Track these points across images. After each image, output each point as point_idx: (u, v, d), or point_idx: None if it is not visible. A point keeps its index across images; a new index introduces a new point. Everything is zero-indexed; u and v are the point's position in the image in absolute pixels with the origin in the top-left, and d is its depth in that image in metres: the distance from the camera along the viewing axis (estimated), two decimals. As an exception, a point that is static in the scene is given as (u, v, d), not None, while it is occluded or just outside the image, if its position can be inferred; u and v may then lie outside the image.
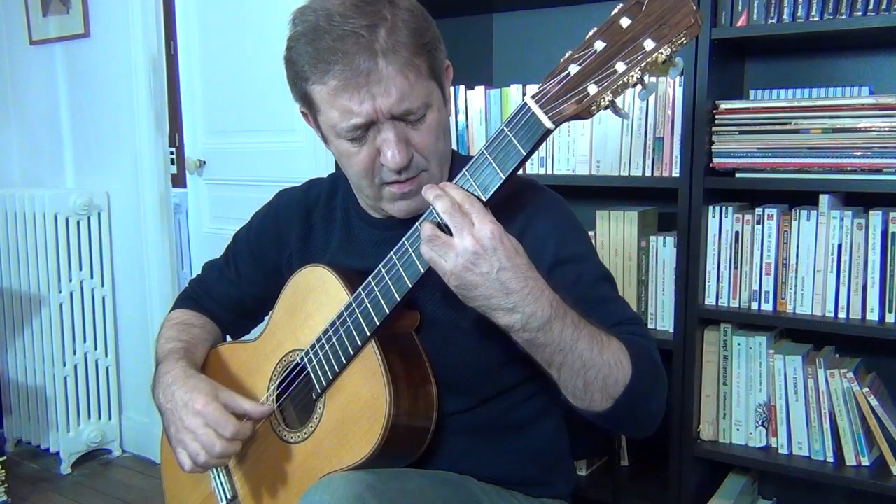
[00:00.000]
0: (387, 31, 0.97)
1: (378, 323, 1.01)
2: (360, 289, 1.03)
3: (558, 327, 0.89)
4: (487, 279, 0.87)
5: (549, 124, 0.86)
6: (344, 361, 1.04)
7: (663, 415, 1.03)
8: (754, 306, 1.73)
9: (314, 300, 1.12)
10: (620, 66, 0.82)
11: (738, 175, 1.73)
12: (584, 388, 0.93)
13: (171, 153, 3.41)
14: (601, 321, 1.00)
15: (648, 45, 0.81)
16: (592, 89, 0.84)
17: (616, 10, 0.83)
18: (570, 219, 1.12)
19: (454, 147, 1.18)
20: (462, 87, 2.08)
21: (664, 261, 1.87)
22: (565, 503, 1.21)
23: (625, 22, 0.82)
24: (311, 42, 0.99)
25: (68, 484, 2.73)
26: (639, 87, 0.84)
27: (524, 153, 0.88)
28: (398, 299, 0.99)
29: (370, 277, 1.02)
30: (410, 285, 0.97)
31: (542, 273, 1.01)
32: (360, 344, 1.02)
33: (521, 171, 0.95)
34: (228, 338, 1.38)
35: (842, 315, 1.65)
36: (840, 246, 1.64)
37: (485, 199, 0.91)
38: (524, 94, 1.95)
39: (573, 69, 0.84)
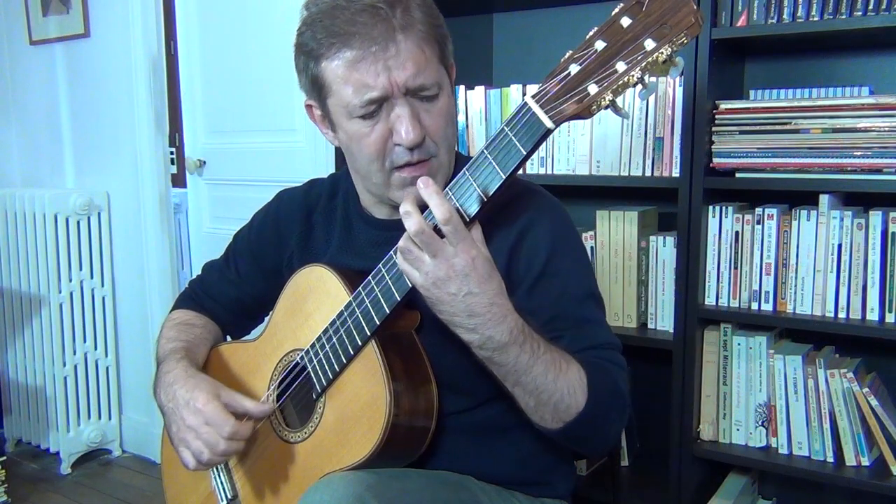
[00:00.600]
0: (403, 9, 0.99)
1: (378, 322, 1.01)
2: (360, 288, 1.03)
3: (514, 352, 0.93)
4: (454, 300, 0.91)
5: (549, 124, 0.86)
6: (344, 361, 1.04)
7: (617, 440, 1.06)
8: (754, 306, 1.73)
9: (314, 300, 1.12)
10: (621, 66, 0.82)
11: (738, 175, 1.73)
12: (535, 407, 0.98)
13: (171, 153, 3.40)
14: (575, 342, 1.03)
15: (649, 44, 0.81)
16: (593, 89, 0.84)
17: (616, 10, 0.83)
18: (567, 229, 1.13)
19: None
20: (462, 87, 2.08)
21: (664, 261, 1.87)
22: (565, 503, 1.21)
23: (625, 21, 0.82)
24: (329, 18, 1.00)
25: (68, 484, 2.73)
26: (639, 86, 0.84)
27: (524, 153, 0.88)
28: (398, 299, 0.99)
29: (370, 277, 1.02)
30: (410, 285, 0.97)
31: (529, 281, 1.05)
32: (360, 344, 1.03)
33: (521, 171, 0.95)
34: (228, 338, 1.38)
35: (842, 315, 1.65)
36: (840, 246, 1.64)
37: (486, 199, 0.91)
38: (524, 94, 1.95)
39: (573, 69, 0.85)
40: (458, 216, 0.90)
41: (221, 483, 1.20)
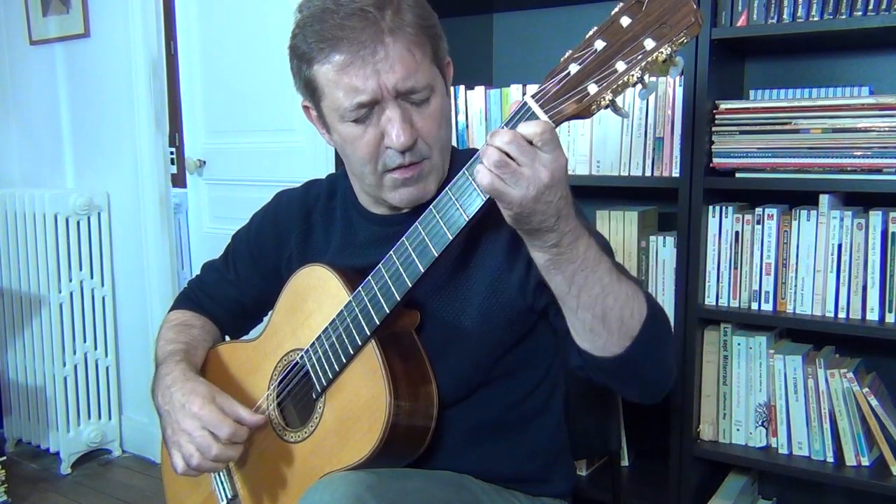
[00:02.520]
0: (393, 11, 0.99)
1: (378, 322, 1.01)
2: (360, 288, 1.03)
3: (584, 244, 0.89)
4: (549, 206, 0.85)
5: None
6: (344, 361, 1.04)
7: (673, 379, 1.01)
8: (754, 306, 1.73)
9: (314, 299, 1.12)
10: (621, 66, 0.82)
11: (738, 175, 1.73)
12: (601, 319, 0.91)
13: (171, 153, 3.41)
14: None
15: (649, 44, 0.81)
16: (592, 89, 0.83)
17: (616, 10, 0.83)
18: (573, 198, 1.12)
19: (454, 144, 1.19)
20: (462, 87, 2.08)
21: (664, 261, 1.87)
22: (565, 502, 1.21)
23: (625, 21, 0.82)
24: (319, 22, 1.00)
25: (68, 484, 2.73)
26: (639, 86, 0.84)
27: (524, 153, 0.87)
28: (398, 298, 0.99)
29: (370, 276, 1.02)
30: (410, 284, 0.97)
31: None
32: (360, 343, 1.03)
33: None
34: (227, 337, 1.38)
35: (842, 315, 1.65)
36: (840, 246, 1.64)
37: (485, 198, 0.89)
38: (524, 94, 1.95)
39: (573, 68, 0.84)
40: (543, 124, 0.84)
41: (221, 483, 1.20)
